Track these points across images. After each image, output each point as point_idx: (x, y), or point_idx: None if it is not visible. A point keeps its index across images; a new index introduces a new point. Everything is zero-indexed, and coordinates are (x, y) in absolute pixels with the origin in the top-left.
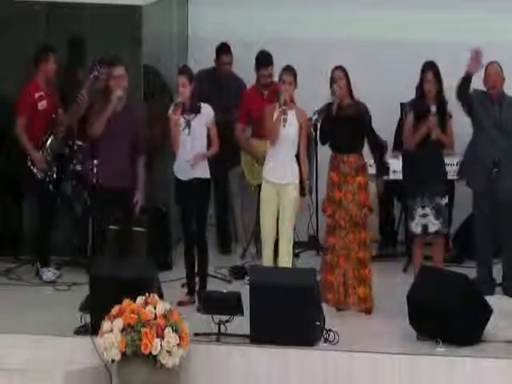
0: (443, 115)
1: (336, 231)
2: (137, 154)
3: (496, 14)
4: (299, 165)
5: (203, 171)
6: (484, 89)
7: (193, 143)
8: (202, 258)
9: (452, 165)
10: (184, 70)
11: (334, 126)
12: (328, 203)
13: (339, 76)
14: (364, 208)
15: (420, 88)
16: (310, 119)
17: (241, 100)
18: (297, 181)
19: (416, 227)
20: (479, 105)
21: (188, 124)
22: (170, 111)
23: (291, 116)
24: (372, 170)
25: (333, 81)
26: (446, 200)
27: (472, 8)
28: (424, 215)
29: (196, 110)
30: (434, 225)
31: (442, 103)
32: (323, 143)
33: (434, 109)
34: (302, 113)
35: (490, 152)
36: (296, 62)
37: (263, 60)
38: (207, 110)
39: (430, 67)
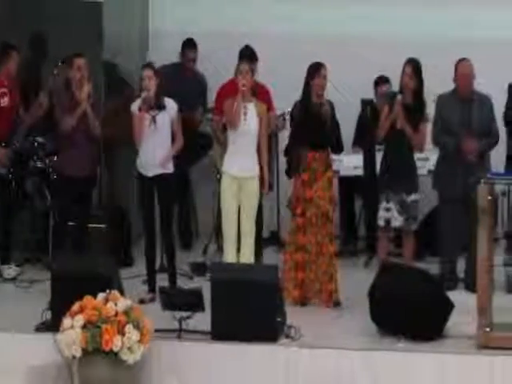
0: (418, 114)
1: (307, 229)
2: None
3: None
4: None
5: (168, 166)
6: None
7: (158, 139)
8: (171, 254)
9: (421, 160)
10: (149, 64)
11: (307, 123)
12: (297, 203)
13: (325, 75)
14: (332, 202)
15: (400, 82)
16: (283, 115)
17: (219, 92)
18: (258, 174)
19: (379, 220)
20: (446, 106)
21: (153, 120)
22: (135, 107)
23: (251, 108)
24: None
25: (319, 79)
26: (413, 197)
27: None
28: (387, 209)
29: (161, 106)
30: (396, 220)
31: (419, 101)
32: (298, 142)
33: (399, 99)
34: (262, 105)
35: (459, 154)
36: (262, 56)
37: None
38: (171, 105)
39: (410, 62)
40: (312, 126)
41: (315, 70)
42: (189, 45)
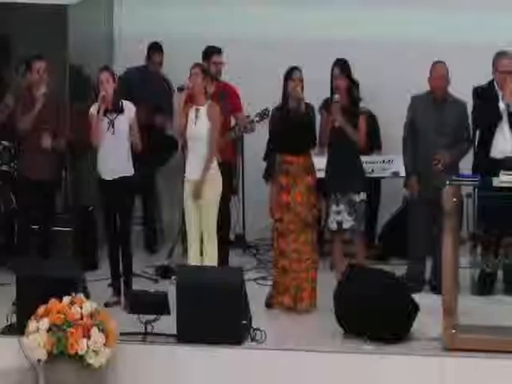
0: (353, 110)
1: (286, 235)
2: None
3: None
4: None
5: (127, 169)
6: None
7: (117, 143)
8: (127, 258)
9: (379, 162)
10: (106, 67)
11: (286, 127)
12: (276, 208)
13: (300, 78)
14: (314, 209)
15: (330, 84)
16: (248, 117)
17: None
18: (215, 177)
19: (331, 224)
20: (420, 107)
21: (111, 124)
22: (93, 109)
23: (202, 113)
24: None
25: (293, 82)
26: (361, 197)
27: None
28: (338, 212)
29: (119, 109)
30: (347, 221)
31: (352, 99)
32: (276, 147)
33: (336, 98)
34: (214, 108)
35: (430, 156)
36: (232, 61)
37: (214, 48)
38: (129, 107)
39: (337, 63)
40: (288, 130)
41: (288, 73)
42: (155, 48)
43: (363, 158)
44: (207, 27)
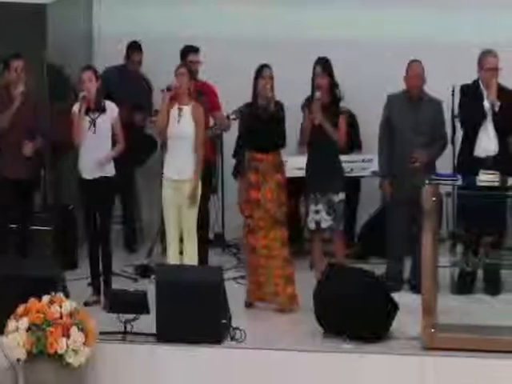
0: (334, 109)
1: (256, 232)
2: (36, 140)
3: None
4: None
5: (109, 169)
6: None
7: (98, 142)
8: (107, 257)
9: (358, 161)
10: (89, 66)
11: (255, 124)
12: (246, 204)
13: (270, 76)
14: (283, 206)
15: (312, 83)
16: (228, 117)
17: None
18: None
19: (310, 223)
20: (396, 106)
21: (93, 123)
22: (76, 107)
23: (186, 112)
24: None
25: (263, 80)
26: (340, 197)
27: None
28: (316, 211)
29: (101, 109)
30: (326, 221)
31: (333, 98)
32: (245, 145)
33: (317, 95)
34: (198, 108)
35: (407, 155)
36: (210, 59)
37: (191, 48)
38: (111, 108)
39: (319, 62)
40: (257, 127)
41: (258, 71)
42: (134, 47)
43: (342, 158)
44: (186, 26)
